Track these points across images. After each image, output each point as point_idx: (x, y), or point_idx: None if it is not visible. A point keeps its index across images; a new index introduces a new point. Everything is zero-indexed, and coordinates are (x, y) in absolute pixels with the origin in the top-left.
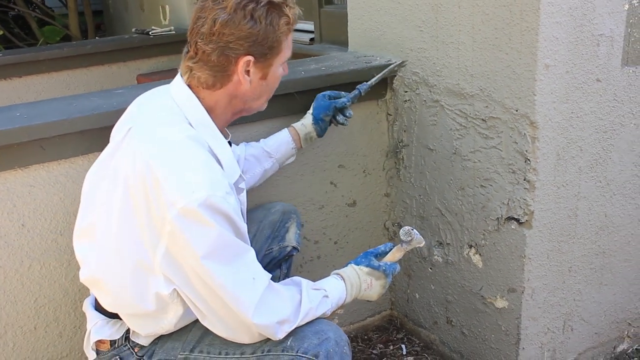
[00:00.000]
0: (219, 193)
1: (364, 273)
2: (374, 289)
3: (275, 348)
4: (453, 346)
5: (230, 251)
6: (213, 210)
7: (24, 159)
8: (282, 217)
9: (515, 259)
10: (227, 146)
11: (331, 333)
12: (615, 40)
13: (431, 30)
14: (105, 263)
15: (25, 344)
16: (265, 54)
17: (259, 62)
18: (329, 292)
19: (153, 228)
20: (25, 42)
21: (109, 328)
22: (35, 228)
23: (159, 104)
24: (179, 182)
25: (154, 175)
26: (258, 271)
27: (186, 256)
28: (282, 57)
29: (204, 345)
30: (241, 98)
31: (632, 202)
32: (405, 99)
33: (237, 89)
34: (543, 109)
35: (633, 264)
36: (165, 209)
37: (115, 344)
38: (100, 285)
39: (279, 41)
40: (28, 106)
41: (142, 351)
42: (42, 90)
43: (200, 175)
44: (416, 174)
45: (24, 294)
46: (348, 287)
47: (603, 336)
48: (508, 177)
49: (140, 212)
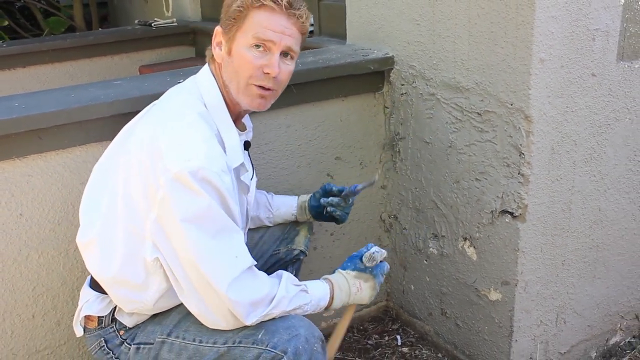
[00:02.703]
0: (214, 168)
1: (352, 277)
2: (364, 292)
3: (246, 340)
4: (447, 337)
5: (217, 224)
6: (204, 181)
7: (22, 149)
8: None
9: (509, 252)
10: (235, 133)
11: (302, 330)
12: (610, 34)
13: (428, 23)
14: (102, 224)
15: (23, 332)
16: (228, 25)
17: (225, 34)
18: (309, 289)
19: (147, 194)
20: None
21: (98, 303)
22: (33, 217)
23: (182, 86)
24: (178, 151)
25: (158, 144)
26: (242, 252)
27: (173, 220)
28: (246, 33)
29: (180, 330)
30: (224, 79)
31: (626, 197)
32: (402, 92)
33: (219, 66)
34: (538, 103)
35: (626, 258)
36: (160, 174)
37: (102, 323)
38: (92, 248)
39: (242, 12)
40: (26, 96)
41: (126, 334)
42: (45, 80)
43: (198, 148)
44: (412, 167)
45: (22, 283)
46: (336, 291)
47: (596, 329)
48: (503, 170)
49: (139, 179)
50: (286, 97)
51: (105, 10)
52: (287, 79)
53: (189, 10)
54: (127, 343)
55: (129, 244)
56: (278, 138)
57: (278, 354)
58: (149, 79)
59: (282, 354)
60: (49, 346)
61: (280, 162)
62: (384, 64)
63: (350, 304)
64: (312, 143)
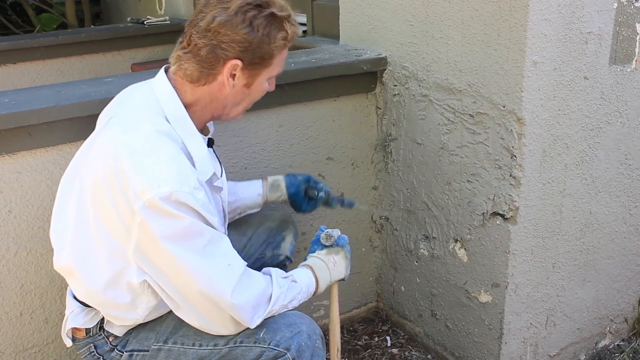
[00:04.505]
0: (185, 189)
1: (324, 255)
2: (340, 264)
3: (247, 339)
4: (437, 339)
5: (203, 239)
6: (179, 204)
7: (12, 146)
8: (279, 225)
9: (500, 254)
10: (202, 144)
11: (304, 326)
12: (603, 38)
13: (421, 24)
14: (77, 251)
15: (11, 330)
16: (255, 63)
17: (247, 70)
18: (296, 278)
19: (123, 219)
20: (22, 29)
21: (83, 317)
22: (22, 215)
23: (140, 97)
24: (145, 175)
25: (121, 166)
26: (233, 257)
27: (156, 244)
28: (271, 70)
29: (178, 336)
30: (222, 102)
31: (617, 200)
32: (395, 92)
33: (220, 91)
34: (530, 106)
35: (616, 261)
36: (132, 200)
37: (90, 332)
38: (74, 274)
39: (271, 54)
40: (16, 93)
41: (116, 341)
42: (36, 77)
43: (166, 169)
44: (404, 168)
45: (10, 280)
46: (318, 272)
47: (585, 332)
48: (494, 172)
49: (109, 202)
50: (278, 97)
51: (98, 8)
52: None
53: (182, 9)
54: (119, 350)
55: (112, 269)
56: (270, 138)
57: (281, 352)
58: (141, 76)
59: (285, 351)
60: (37, 344)
61: (272, 161)
62: (376, 65)
63: (332, 284)
64: (304, 143)
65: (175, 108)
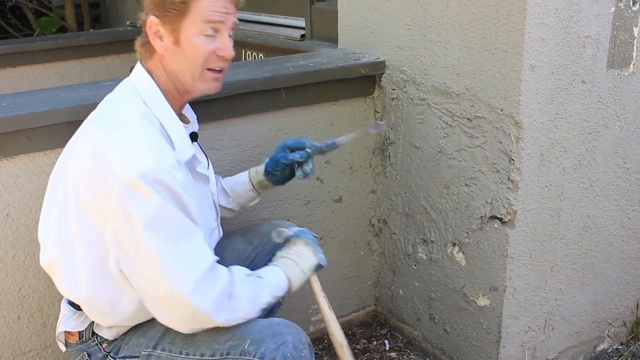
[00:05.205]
0: (162, 166)
1: (284, 251)
2: (304, 253)
3: (233, 351)
4: (435, 343)
5: (173, 225)
6: (156, 182)
7: (10, 149)
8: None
9: (498, 258)
10: (180, 126)
11: (289, 336)
12: (601, 42)
13: (419, 28)
14: (59, 246)
15: (8, 334)
16: (169, 15)
17: (166, 24)
18: (261, 274)
19: (103, 202)
20: (21, 33)
21: (74, 320)
22: (21, 218)
23: (118, 91)
24: (124, 156)
25: (102, 150)
26: (203, 251)
27: (129, 227)
28: (194, 18)
29: (166, 343)
30: (171, 71)
31: (615, 204)
32: (393, 96)
33: (162, 60)
34: (528, 110)
35: (615, 265)
36: (111, 182)
37: (82, 337)
38: (56, 269)
39: (183, 1)
40: (15, 96)
41: (110, 347)
42: (35, 80)
43: (144, 149)
44: (402, 172)
45: (8, 284)
46: (286, 269)
47: (584, 335)
48: (492, 176)
49: (90, 187)
50: (276, 101)
51: (98, 11)
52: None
53: None
54: (112, 357)
55: (90, 259)
56: (268, 141)
57: None
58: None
59: None
60: (34, 348)
61: None
62: (375, 69)
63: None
64: None
65: (151, 91)
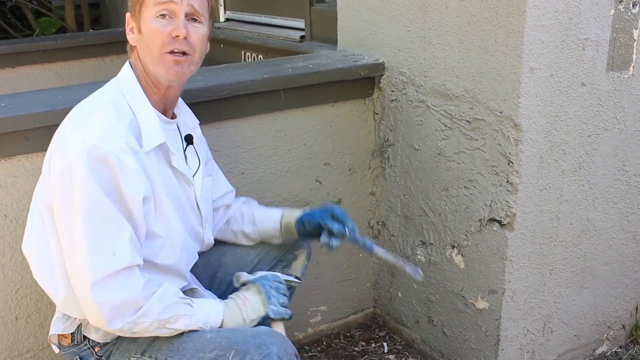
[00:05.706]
0: (109, 147)
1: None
2: (252, 301)
3: None
4: (434, 345)
5: (102, 214)
6: (98, 161)
7: (8, 150)
8: (293, 244)
9: (497, 261)
10: (153, 115)
11: (274, 347)
12: (600, 44)
13: (419, 30)
14: (31, 235)
15: (6, 335)
16: (133, 6)
17: (134, 17)
18: (195, 303)
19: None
20: (21, 33)
21: (63, 322)
22: (18, 219)
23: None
24: (76, 134)
25: (63, 130)
26: (123, 250)
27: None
28: (147, 7)
29: (153, 350)
30: (142, 59)
31: (614, 206)
32: (392, 98)
33: (137, 51)
34: (527, 112)
35: (614, 268)
36: (63, 158)
37: (74, 340)
38: (31, 260)
39: None
40: (13, 97)
41: (102, 351)
42: (35, 81)
43: (97, 128)
44: (401, 174)
45: (6, 285)
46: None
47: (583, 338)
48: (491, 178)
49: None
50: (276, 102)
51: (98, 12)
52: (201, 43)
53: None
54: None
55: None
56: (267, 143)
57: None
58: None
59: None
60: (32, 349)
61: (269, 167)
62: (374, 70)
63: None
64: (301, 148)
65: (129, 82)
